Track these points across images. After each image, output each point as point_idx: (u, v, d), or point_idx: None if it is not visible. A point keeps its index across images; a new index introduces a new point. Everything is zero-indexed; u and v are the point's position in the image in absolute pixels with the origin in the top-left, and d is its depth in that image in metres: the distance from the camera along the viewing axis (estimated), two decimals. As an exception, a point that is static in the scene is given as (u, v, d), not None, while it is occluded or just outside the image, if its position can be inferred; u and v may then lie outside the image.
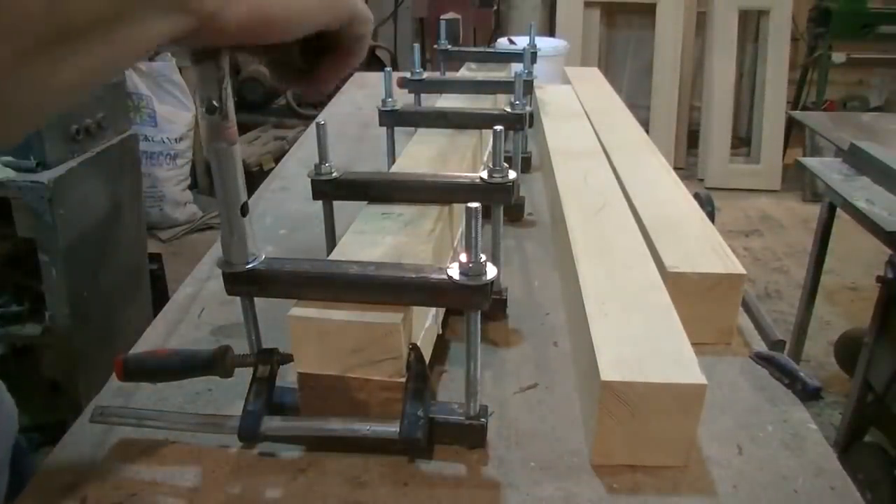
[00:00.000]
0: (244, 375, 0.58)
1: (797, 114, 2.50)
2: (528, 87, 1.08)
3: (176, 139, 3.25)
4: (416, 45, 1.05)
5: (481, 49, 1.48)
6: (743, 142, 4.32)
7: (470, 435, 0.58)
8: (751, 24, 4.21)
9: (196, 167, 3.60)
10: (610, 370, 0.54)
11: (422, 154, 0.87)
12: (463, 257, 0.51)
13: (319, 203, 0.73)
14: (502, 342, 0.73)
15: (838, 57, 3.91)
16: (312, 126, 0.85)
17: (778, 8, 3.96)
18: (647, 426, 0.54)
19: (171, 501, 0.53)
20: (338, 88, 1.80)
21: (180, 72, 3.30)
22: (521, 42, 1.71)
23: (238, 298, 0.57)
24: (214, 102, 0.46)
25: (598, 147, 1.08)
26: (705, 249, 0.74)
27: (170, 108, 3.22)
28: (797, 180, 3.95)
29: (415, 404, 0.55)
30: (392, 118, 0.91)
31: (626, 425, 0.55)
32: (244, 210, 0.51)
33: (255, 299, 0.58)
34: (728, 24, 3.98)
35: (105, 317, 1.69)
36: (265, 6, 0.36)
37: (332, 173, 0.71)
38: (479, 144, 0.98)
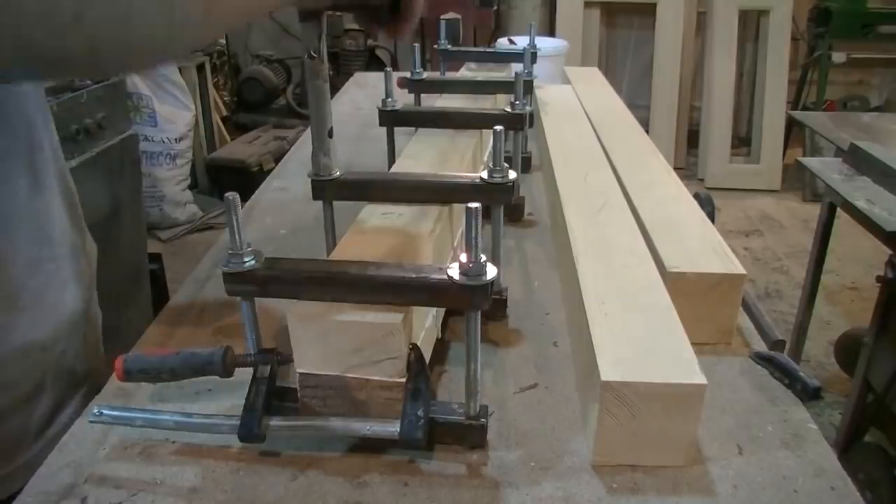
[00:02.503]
0: (244, 375, 0.58)
1: (797, 114, 2.50)
2: (528, 87, 1.08)
3: (176, 139, 3.25)
4: (416, 45, 1.05)
5: (481, 49, 1.48)
6: (743, 142, 4.32)
7: (470, 435, 0.58)
8: (751, 24, 4.21)
9: (196, 167, 3.60)
10: (610, 370, 0.54)
11: (422, 154, 0.87)
12: (463, 257, 0.51)
13: (319, 203, 0.73)
14: (502, 342, 0.73)
15: (838, 57, 3.91)
16: (312, 126, 0.85)
17: (778, 8, 3.96)
18: (647, 426, 0.54)
19: (171, 501, 0.53)
20: (338, 88, 1.81)
21: (180, 72, 3.30)
22: (521, 42, 1.71)
23: (238, 298, 0.57)
24: (313, 52, 0.62)
25: (598, 147, 1.08)
26: (705, 249, 0.74)
27: (170, 108, 3.22)
28: (797, 180, 3.95)
29: (415, 404, 0.55)
30: (392, 118, 0.91)
31: (626, 425, 0.55)
32: (330, 133, 0.68)
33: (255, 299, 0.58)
34: (728, 24, 3.98)
35: (105, 317, 1.68)
36: None
37: (332, 173, 0.71)
38: (479, 144, 0.98)
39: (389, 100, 0.91)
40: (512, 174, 0.68)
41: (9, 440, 0.68)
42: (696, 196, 0.92)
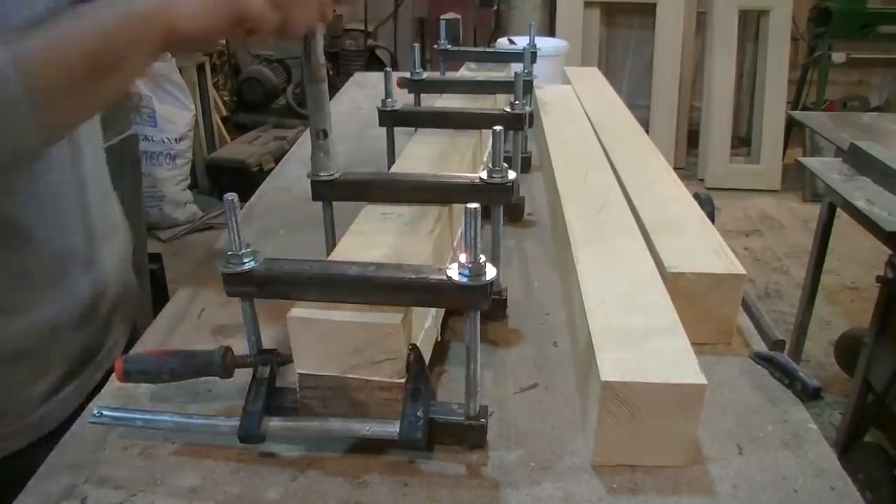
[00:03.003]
0: (244, 375, 0.58)
1: (797, 114, 2.50)
2: (528, 87, 1.08)
3: (176, 139, 3.25)
4: (416, 45, 1.05)
5: (481, 49, 1.48)
6: (743, 142, 4.32)
7: (470, 435, 0.58)
8: (751, 24, 4.21)
9: (196, 167, 3.60)
10: (610, 370, 0.54)
11: (422, 154, 0.87)
12: (462, 257, 0.51)
13: (319, 203, 0.73)
14: (502, 342, 0.73)
15: (838, 57, 3.91)
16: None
17: (778, 8, 3.96)
18: (647, 426, 0.54)
19: (171, 501, 0.53)
20: (338, 88, 1.81)
21: (180, 72, 3.30)
22: (521, 42, 1.71)
23: (238, 299, 0.57)
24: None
25: (597, 147, 1.08)
26: (705, 249, 0.74)
27: (170, 108, 3.22)
28: (797, 180, 3.95)
29: (414, 405, 0.55)
30: (392, 118, 0.91)
31: (626, 425, 0.55)
32: (326, 134, 0.68)
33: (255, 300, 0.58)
34: (728, 24, 3.98)
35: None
36: (187, 37, 0.57)
37: (331, 174, 0.71)
38: (479, 144, 0.98)
39: (389, 100, 0.91)
40: (511, 174, 0.68)
41: (13, 404, 0.70)
42: (696, 196, 0.92)
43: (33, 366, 0.71)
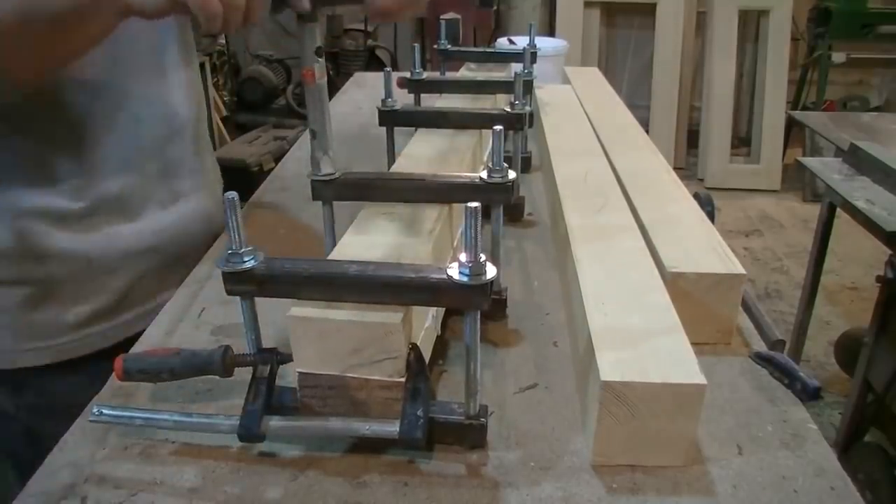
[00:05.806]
0: (244, 375, 0.58)
1: (797, 114, 2.50)
2: (528, 87, 1.08)
3: (176, 139, 3.24)
4: (416, 45, 1.05)
5: (481, 49, 1.48)
6: (743, 142, 4.32)
7: (470, 435, 0.58)
8: (751, 24, 4.21)
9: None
10: (610, 370, 0.54)
11: (422, 154, 0.87)
12: (462, 257, 0.51)
13: (319, 203, 0.73)
14: (502, 342, 0.73)
15: (838, 57, 3.91)
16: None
17: (778, 8, 3.96)
18: (646, 426, 0.54)
19: (171, 501, 0.53)
20: (338, 88, 1.81)
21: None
22: (521, 42, 1.71)
23: (238, 298, 0.57)
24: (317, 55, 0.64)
25: (598, 147, 1.08)
26: (705, 249, 0.74)
27: (170, 108, 3.21)
28: (797, 180, 3.95)
29: (414, 404, 0.55)
30: (392, 118, 0.91)
31: (626, 425, 0.55)
32: (315, 134, 0.68)
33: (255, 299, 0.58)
34: (728, 24, 3.98)
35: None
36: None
37: (331, 174, 0.71)
38: (479, 144, 0.98)
39: (389, 100, 0.91)
40: (511, 174, 0.68)
41: (47, 324, 0.81)
42: (696, 196, 0.92)
43: (74, 294, 0.80)
